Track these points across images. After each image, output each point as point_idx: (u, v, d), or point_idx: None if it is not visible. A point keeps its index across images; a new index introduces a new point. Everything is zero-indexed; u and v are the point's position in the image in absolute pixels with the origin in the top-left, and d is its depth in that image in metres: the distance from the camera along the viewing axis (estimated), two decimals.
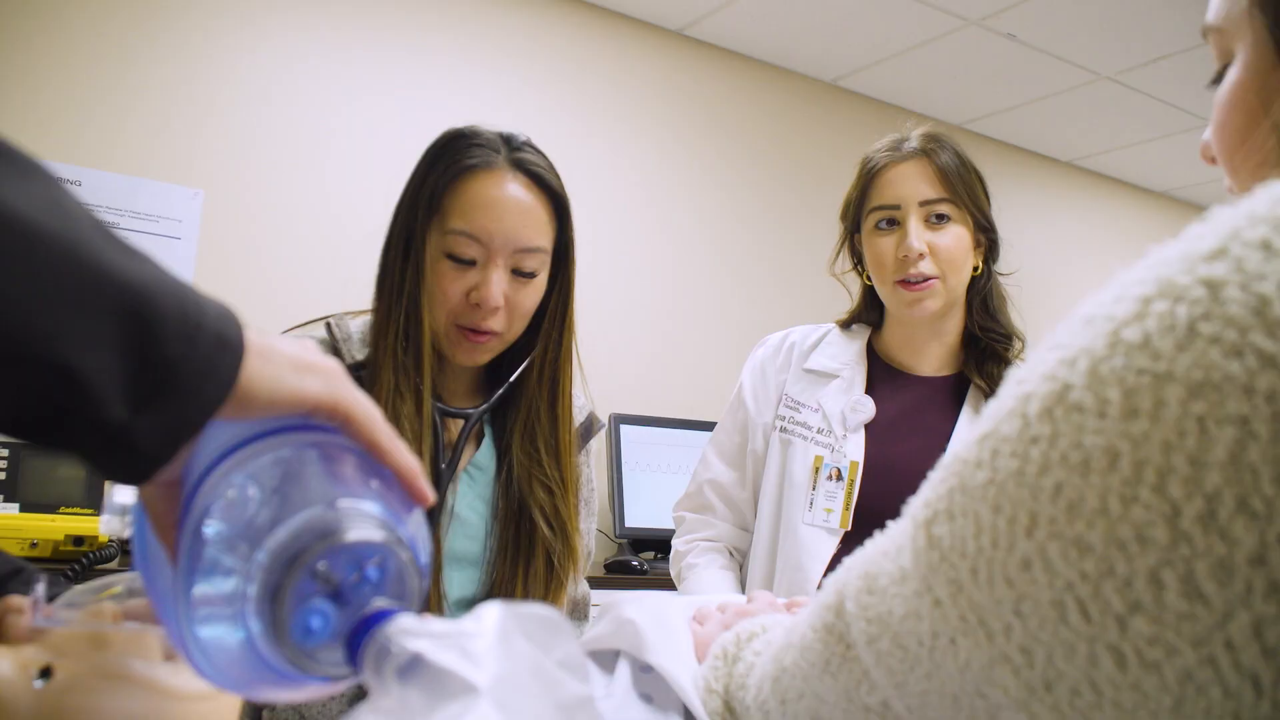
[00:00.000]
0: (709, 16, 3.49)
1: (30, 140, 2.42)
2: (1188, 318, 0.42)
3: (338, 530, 0.47)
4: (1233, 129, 0.62)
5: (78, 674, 0.64)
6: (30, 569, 0.79)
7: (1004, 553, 0.47)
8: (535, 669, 0.45)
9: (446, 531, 1.23)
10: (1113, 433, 0.43)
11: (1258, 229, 0.42)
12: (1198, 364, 0.41)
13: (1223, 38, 0.59)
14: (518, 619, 0.46)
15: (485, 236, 1.17)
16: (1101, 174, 4.86)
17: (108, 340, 0.42)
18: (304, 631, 0.47)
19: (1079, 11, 3.32)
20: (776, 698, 0.70)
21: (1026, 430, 0.47)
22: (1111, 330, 0.45)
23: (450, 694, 0.41)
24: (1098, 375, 0.44)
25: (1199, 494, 0.40)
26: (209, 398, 0.45)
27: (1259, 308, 0.40)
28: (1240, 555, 0.39)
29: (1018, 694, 0.49)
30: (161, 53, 2.72)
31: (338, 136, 2.92)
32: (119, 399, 0.43)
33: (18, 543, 1.97)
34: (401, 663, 0.43)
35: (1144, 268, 0.46)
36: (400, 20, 3.08)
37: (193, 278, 2.63)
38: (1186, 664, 0.42)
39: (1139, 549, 0.42)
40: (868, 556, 0.60)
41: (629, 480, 3.05)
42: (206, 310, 0.46)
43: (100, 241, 0.44)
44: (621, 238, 3.43)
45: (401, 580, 0.49)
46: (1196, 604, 0.41)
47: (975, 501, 0.49)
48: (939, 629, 0.52)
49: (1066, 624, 0.45)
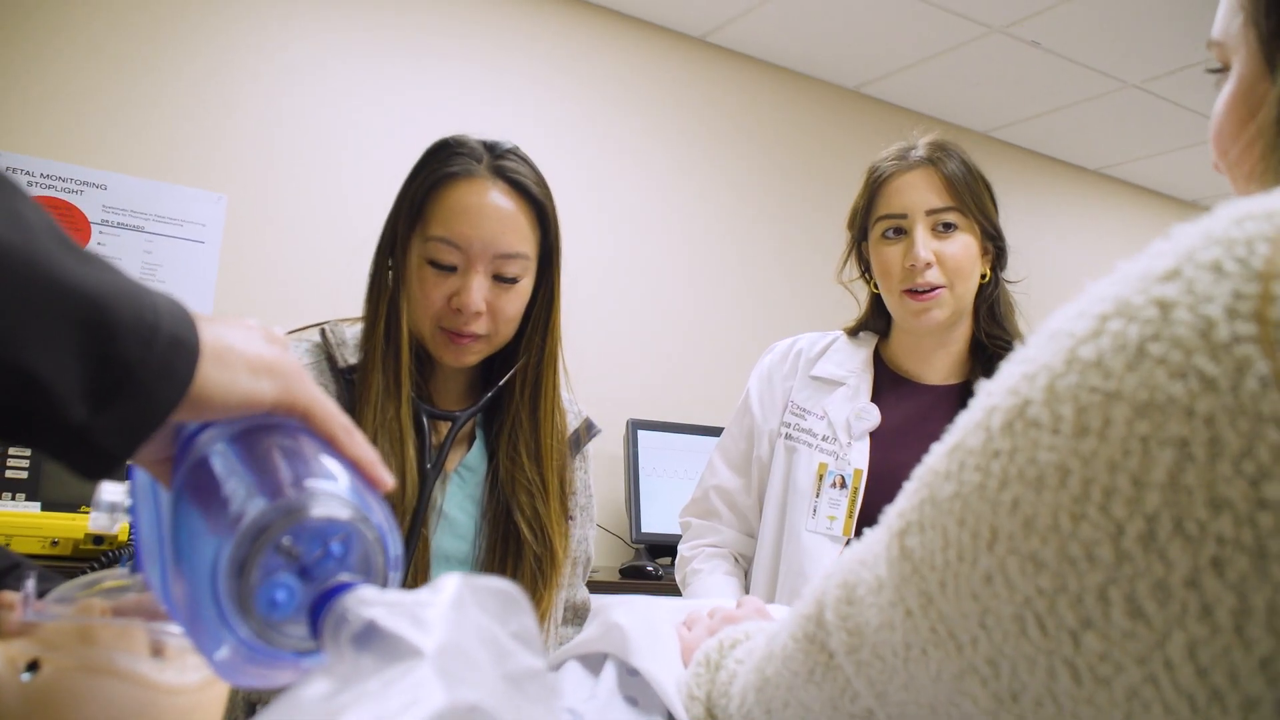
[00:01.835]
0: (731, 23, 3.49)
1: (55, 144, 2.46)
2: (1138, 338, 0.42)
3: (303, 507, 0.49)
4: (1226, 136, 0.63)
5: (64, 667, 0.65)
6: (27, 564, 0.81)
7: (969, 566, 0.48)
8: (487, 639, 0.45)
9: (435, 530, 1.25)
10: (1064, 450, 0.43)
11: (1211, 250, 0.42)
12: (1144, 384, 0.41)
13: (1223, 51, 0.61)
14: (474, 591, 0.47)
15: (464, 242, 1.19)
16: (1128, 182, 4.82)
17: (66, 345, 0.45)
18: (269, 604, 0.48)
19: (1104, 19, 3.30)
20: (762, 707, 0.71)
21: (990, 444, 0.47)
22: (1070, 347, 0.45)
23: (397, 658, 0.42)
24: (1054, 392, 0.45)
25: (1140, 514, 0.41)
26: (165, 398, 0.48)
27: (1205, 330, 0.40)
28: (1176, 577, 0.40)
29: (987, 704, 0.49)
30: (186, 58, 2.76)
31: (360, 142, 2.95)
32: (78, 400, 0.45)
33: (39, 541, 2.01)
34: (356, 630, 0.45)
35: (1107, 284, 0.46)
36: (422, 26, 3.11)
37: (215, 281, 2.68)
38: (1132, 681, 0.42)
39: (1088, 566, 0.42)
40: (845, 566, 0.61)
41: (645, 486, 3.05)
42: (162, 313, 0.48)
43: (58, 251, 0.46)
44: (641, 244, 3.44)
45: (367, 557, 0.51)
46: (1139, 623, 0.41)
47: (943, 514, 0.49)
48: (911, 640, 0.52)
49: (1026, 638, 0.45)
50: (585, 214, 3.32)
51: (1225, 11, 0.59)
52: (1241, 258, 0.41)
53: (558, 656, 0.94)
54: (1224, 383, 0.39)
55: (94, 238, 2.60)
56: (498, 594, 0.47)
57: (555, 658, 0.95)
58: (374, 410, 1.19)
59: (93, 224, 2.60)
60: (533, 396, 1.28)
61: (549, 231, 1.26)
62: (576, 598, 1.41)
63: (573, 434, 1.37)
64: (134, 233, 2.64)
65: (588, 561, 1.43)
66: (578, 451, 1.39)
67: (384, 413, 1.20)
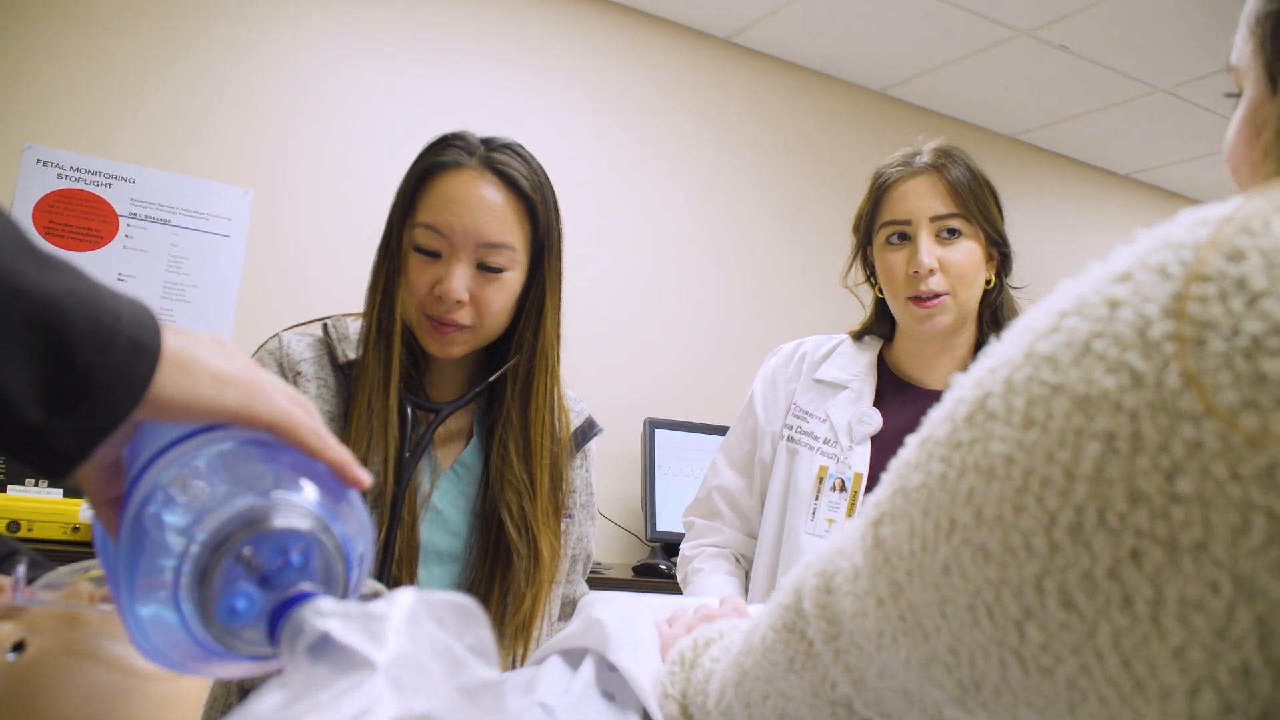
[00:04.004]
0: (756, 24, 3.49)
1: (85, 139, 2.50)
2: (1086, 334, 0.43)
3: (264, 518, 0.50)
4: (1238, 156, 0.64)
5: (49, 650, 0.68)
6: (23, 551, 0.84)
7: (930, 556, 0.48)
8: (441, 652, 0.46)
9: (423, 522, 1.26)
10: (1013, 441, 0.44)
11: (1162, 254, 0.43)
12: (1084, 379, 0.42)
13: (1238, 76, 0.63)
14: (429, 605, 0.48)
15: (447, 229, 1.21)
16: (1161, 188, 4.76)
17: (21, 350, 0.46)
18: (229, 613, 0.50)
19: (1133, 24, 3.27)
20: (741, 701, 0.72)
21: (954, 435, 0.48)
22: (1030, 342, 0.46)
23: (350, 669, 0.44)
24: (1011, 384, 0.46)
25: (1069, 506, 0.42)
26: (121, 402, 0.48)
27: (1142, 328, 0.41)
28: (1100, 569, 0.41)
29: (953, 692, 0.50)
30: (214, 53, 2.80)
31: (384, 139, 2.98)
32: (34, 404, 0.46)
33: (60, 526, 2.05)
34: (311, 641, 0.46)
35: (1073, 283, 0.47)
36: (445, 24, 3.13)
37: (240, 275, 2.71)
38: (1069, 671, 0.43)
39: (1026, 557, 0.43)
40: (824, 555, 0.62)
41: (661, 484, 3.07)
42: (123, 318, 0.49)
43: (16, 256, 0.47)
44: (662, 244, 3.45)
45: (328, 565, 0.52)
46: (1071, 614, 0.42)
47: (911, 504, 0.50)
48: (883, 628, 0.53)
49: (979, 628, 0.46)
50: (607, 214, 3.34)
51: (1239, 38, 0.61)
52: (1186, 261, 0.42)
53: (541, 652, 0.96)
54: (1150, 379, 0.40)
55: (121, 231, 2.64)
56: (454, 608, 0.48)
57: (539, 653, 0.96)
58: (365, 399, 1.21)
59: (120, 217, 2.64)
60: (523, 394, 1.29)
61: (539, 226, 1.27)
62: (576, 594, 1.42)
63: (574, 432, 1.38)
64: (161, 226, 2.69)
65: (588, 558, 1.44)
66: (579, 450, 1.40)
67: (373, 402, 1.21)
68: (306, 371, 1.25)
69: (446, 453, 1.32)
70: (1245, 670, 0.37)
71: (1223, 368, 0.39)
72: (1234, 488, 0.38)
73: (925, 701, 0.54)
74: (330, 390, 1.25)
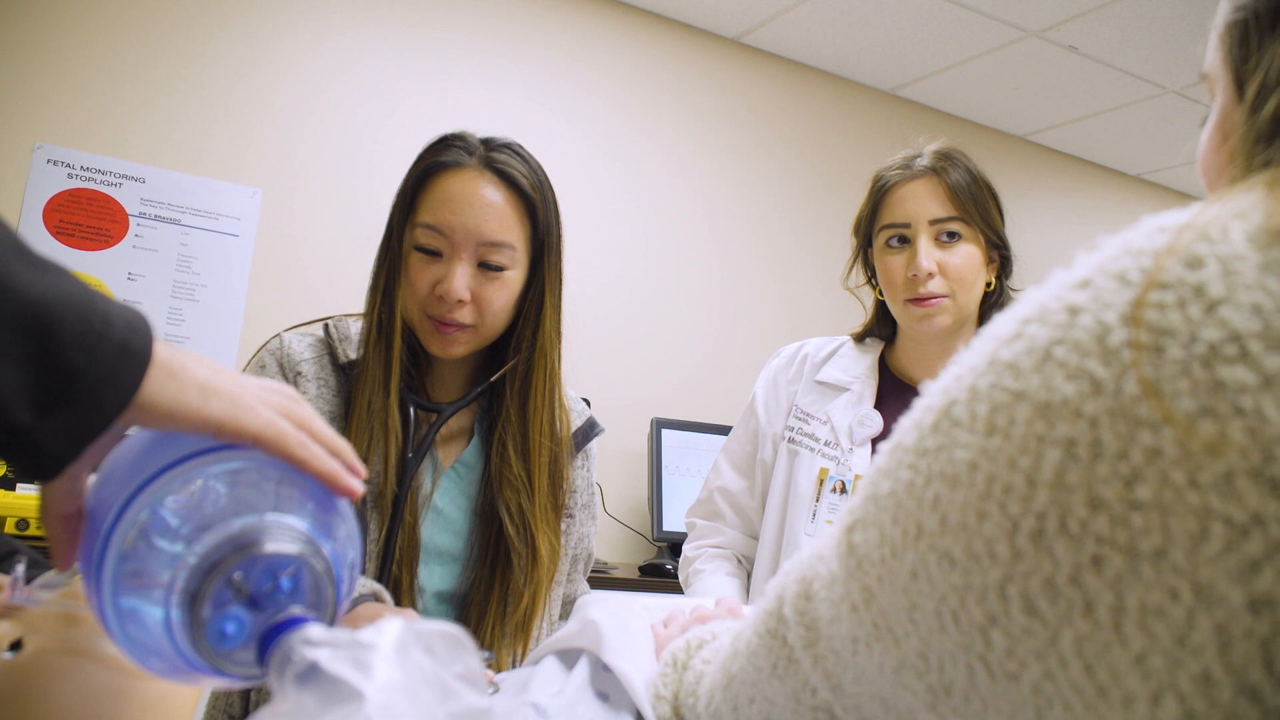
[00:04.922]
0: (765, 24, 3.49)
1: (95, 138, 2.52)
2: (1046, 341, 0.43)
3: (254, 542, 0.51)
4: (1208, 159, 0.64)
5: (46, 648, 0.68)
6: (23, 550, 0.84)
7: (899, 562, 0.49)
8: (430, 681, 0.47)
9: (424, 522, 1.26)
10: (976, 448, 0.45)
11: (1121, 260, 0.43)
12: (1045, 385, 0.42)
13: (1210, 82, 0.63)
14: (417, 634, 0.48)
15: (447, 229, 1.22)
16: (1170, 188, 4.75)
17: (9, 351, 0.46)
18: (219, 636, 0.51)
19: (1141, 25, 3.26)
20: (729, 704, 0.72)
21: (921, 442, 0.49)
22: (993, 349, 0.46)
23: (338, 700, 0.44)
24: (974, 391, 0.46)
25: (1031, 512, 0.42)
26: (108, 405, 0.49)
27: (1101, 335, 0.41)
28: (1062, 575, 0.41)
29: (924, 697, 0.50)
30: (224, 53, 2.82)
31: (392, 139, 2.99)
32: (22, 405, 0.46)
33: None
34: (300, 670, 0.47)
35: (1037, 290, 0.47)
36: (455, 24, 3.14)
37: (249, 274, 2.72)
38: (1034, 677, 0.43)
39: (989, 563, 0.44)
40: (805, 561, 0.62)
41: (668, 484, 3.07)
42: (114, 322, 0.49)
43: (8, 259, 0.47)
44: (671, 244, 3.45)
45: (318, 588, 0.53)
46: (1034, 620, 0.42)
47: (881, 511, 0.51)
48: (857, 633, 0.53)
49: (946, 633, 0.47)
50: (616, 214, 3.34)
51: (1210, 46, 0.62)
52: (1146, 268, 0.42)
53: (537, 652, 0.96)
54: (1109, 386, 0.40)
55: (131, 230, 2.66)
56: (442, 636, 0.49)
57: (535, 654, 0.97)
58: (365, 399, 1.22)
59: (130, 216, 2.66)
60: (522, 393, 1.30)
61: (539, 226, 1.27)
62: (577, 594, 1.43)
63: (575, 432, 1.39)
64: (170, 225, 2.70)
65: (589, 558, 1.44)
66: (580, 449, 1.41)
67: (373, 402, 1.22)
68: (307, 371, 1.25)
69: (448, 452, 1.33)
70: (1206, 678, 0.37)
71: (1180, 375, 0.39)
72: (1192, 495, 0.38)
73: (900, 707, 0.54)
74: (331, 390, 1.26)
